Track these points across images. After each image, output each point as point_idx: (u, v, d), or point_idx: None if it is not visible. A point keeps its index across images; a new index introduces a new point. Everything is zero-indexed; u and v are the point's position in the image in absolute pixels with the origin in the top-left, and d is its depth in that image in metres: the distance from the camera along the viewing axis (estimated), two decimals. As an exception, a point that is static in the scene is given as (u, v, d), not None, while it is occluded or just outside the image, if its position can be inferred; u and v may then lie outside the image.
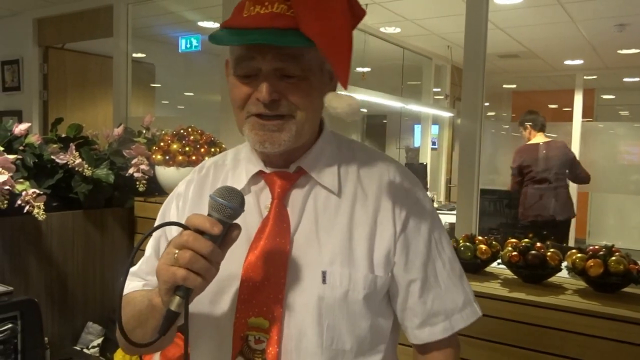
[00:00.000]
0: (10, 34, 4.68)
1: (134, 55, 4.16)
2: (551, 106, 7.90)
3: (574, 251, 1.81)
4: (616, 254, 1.73)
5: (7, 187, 2.18)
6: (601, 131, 7.14)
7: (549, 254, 1.83)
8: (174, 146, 2.64)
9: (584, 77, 6.85)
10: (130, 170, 2.74)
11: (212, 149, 2.69)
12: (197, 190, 1.03)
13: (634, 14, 4.17)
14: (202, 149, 2.66)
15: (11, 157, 2.25)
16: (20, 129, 2.51)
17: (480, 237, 2.02)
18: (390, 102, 5.09)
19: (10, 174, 2.20)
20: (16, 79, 4.70)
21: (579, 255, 1.77)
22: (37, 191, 2.26)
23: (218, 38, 0.88)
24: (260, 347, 0.89)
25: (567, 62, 6.29)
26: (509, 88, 8.41)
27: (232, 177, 1.00)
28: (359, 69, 5.31)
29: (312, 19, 0.82)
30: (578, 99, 6.78)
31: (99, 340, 2.67)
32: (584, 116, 6.81)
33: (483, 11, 2.45)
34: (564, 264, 1.84)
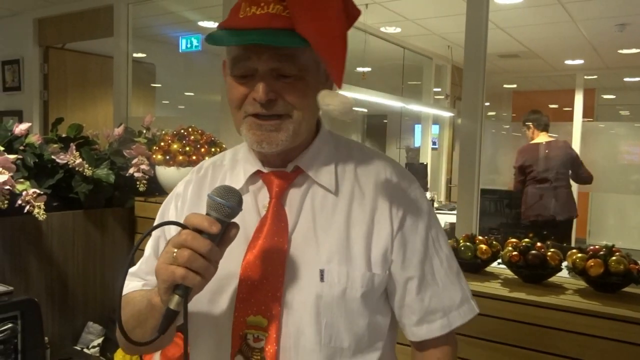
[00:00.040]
0: (10, 34, 4.69)
1: (135, 55, 4.16)
2: (551, 106, 7.89)
3: (574, 251, 1.81)
4: (616, 253, 1.73)
5: (7, 187, 2.19)
6: (602, 131, 7.14)
7: (549, 253, 1.83)
8: (175, 146, 2.64)
9: (585, 77, 6.84)
10: (131, 170, 2.74)
11: (213, 149, 2.69)
12: (196, 191, 1.03)
13: (634, 14, 4.16)
14: (202, 149, 2.66)
15: (11, 157, 2.25)
16: (20, 128, 2.52)
17: (480, 237, 2.02)
18: (390, 102, 5.09)
19: (11, 173, 2.21)
20: (16, 79, 4.71)
21: (579, 255, 1.77)
22: (38, 191, 2.26)
23: (215, 39, 0.88)
24: (259, 345, 0.90)
25: (568, 62, 6.29)
26: (510, 88, 8.41)
27: (230, 177, 1.00)
28: (359, 69, 5.31)
29: (307, 20, 0.83)
30: (578, 98, 6.77)
31: (99, 340, 2.67)
32: (584, 116, 6.80)
33: (483, 11, 2.44)
34: (564, 263, 1.84)
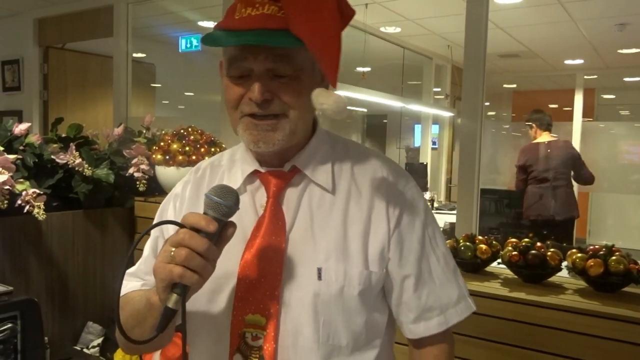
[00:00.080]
0: (10, 34, 4.69)
1: (134, 55, 4.16)
2: (551, 106, 7.89)
3: (574, 251, 1.81)
4: (616, 253, 1.73)
5: (7, 187, 2.19)
6: (601, 131, 7.14)
7: (549, 253, 1.83)
8: (174, 146, 2.64)
9: (585, 77, 6.84)
10: (131, 170, 2.74)
11: (212, 149, 2.69)
12: (194, 191, 1.04)
13: (634, 14, 4.16)
14: (202, 149, 2.66)
15: (11, 157, 2.25)
16: (20, 128, 2.52)
17: (480, 237, 2.02)
18: (390, 102, 5.09)
19: (11, 173, 2.21)
20: (16, 79, 4.70)
21: (579, 255, 1.77)
22: (37, 191, 2.26)
23: (211, 40, 0.89)
24: (257, 343, 0.90)
25: (568, 61, 6.29)
26: (510, 88, 8.41)
27: (228, 177, 1.01)
28: (359, 69, 5.31)
29: (302, 20, 0.83)
30: (578, 98, 6.77)
31: (99, 340, 2.67)
32: (584, 116, 6.80)
33: (483, 11, 2.44)
34: (564, 263, 1.84)
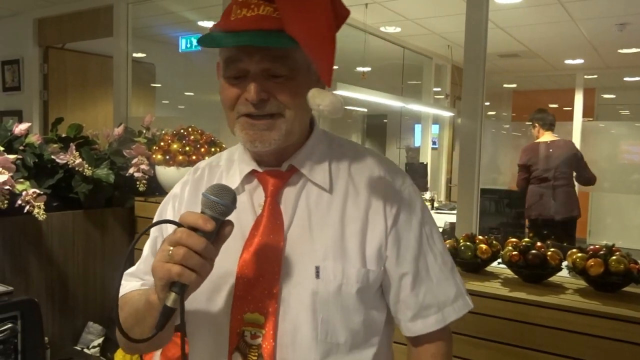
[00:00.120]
0: (10, 34, 4.69)
1: (134, 55, 4.16)
2: (552, 105, 7.89)
3: (574, 251, 1.81)
4: (616, 253, 1.73)
5: (7, 187, 2.19)
6: (602, 131, 7.14)
7: (549, 253, 1.83)
8: (174, 146, 2.64)
9: (585, 77, 6.84)
10: (131, 170, 2.74)
11: (212, 149, 2.69)
12: (193, 191, 1.04)
13: (634, 14, 4.16)
14: (202, 149, 2.66)
15: (11, 157, 2.25)
16: (20, 128, 2.52)
17: (480, 237, 2.02)
18: (390, 102, 5.09)
19: (11, 173, 2.21)
20: (16, 79, 4.70)
21: (579, 254, 1.77)
22: (38, 191, 2.27)
23: (207, 41, 0.90)
24: (256, 342, 0.91)
25: (568, 61, 6.29)
26: (510, 87, 8.41)
27: (226, 178, 1.02)
28: (359, 69, 5.31)
29: (296, 20, 0.84)
30: (578, 98, 6.77)
31: (100, 340, 2.67)
32: (584, 115, 6.80)
33: (483, 10, 2.44)
34: (565, 263, 1.84)
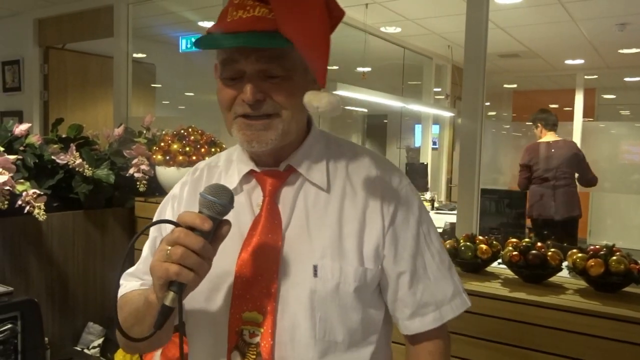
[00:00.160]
0: (10, 34, 4.68)
1: (135, 55, 4.16)
2: (552, 106, 7.87)
3: (574, 251, 1.81)
4: (617, 253, 1.73)
5: (7, 188, 2.19)
6: (602, 131, 7.14)
7: (549, 253, 1.83)
8: (175, 146, 2.64)
9: (585, 77, 6.84)
10: (131, 171, 2.74)
11: (213, 149, 2.69)
12: (192, 192, 1.05)
13: (634, 14, 4.16)
14: (202, 149, 2.66)
15: (12, 157, 2.25)
16: (20, 129, 2.52)
17: (480, 237, 2.02)
18: (390, 102, 5.09)
19: (11, 174, 2.21)
20: (17, 79, 4.70)
21: (579, 255, 1.76)
22: (38, 191, 2.27)
23: (203, 42, 0.90)
24: (255, 340, 0.91)
25: (568, 61, 6.29)
26: (510, 88, 8.41)
27: (225, 178, 1.02)
28: (359, 69, 5.31)
29: (291, 21, 0.85)
30: (579, 98, 6.77)
31: (100, 341, 2.67)
32: (584, 116, 6.80)
33: (483, 11, 2.44)
34: (565, 263, 1.83)
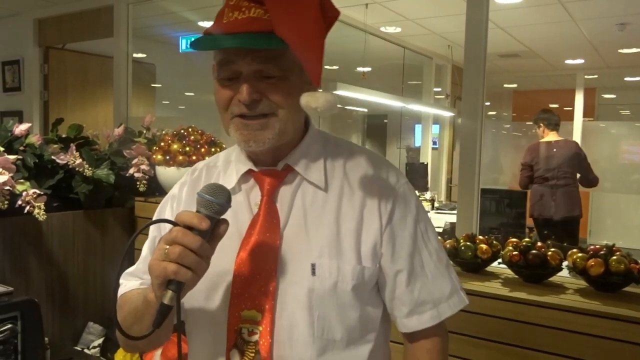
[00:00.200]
0: (10, 34, 4.68)
1: (135, 55, 4.16)
2: (552, 105, 7.87)
3: (574, 251, 1.81)
4: (617, 253, 1.73)
5: (7, 188, 2.19)
6: (602, 131, 7.14)
7: (549, 253, 1.82)
8: (175, 146, 2.64)
9: (585, 77, 6.84)
10: (131, 171, 2.74)
11: (213, 149, 2.69)
12: (190, 192, 1.06)
13: (634, 13, 4.16)
14: (202, 149, 2.66)
15: (12, 157, 2.25)
16: (20, 129, 2.52)
17: (480, 237, 2.02)
18: (390, 102, 5.09)
19: (11, 174, 2.21)
20: (17, 79, 4.70)
21: (579, 254, 1.76)
22: (38, 191, 2.27)
23: (199, 44, 0.91)
24: (253, 339, 0.92)
25: (568, 61, 6.29)
26: (510, 87, 8.41)
27: (224, 178, 1.03)
28: (359, 69, 5.31)
29: (286, 22, 0.85)
30: (579, 98, 6.77)
31: (100, 341, 2.67)
32: (584, 115, 6.80)
33: (483, 10, 2.44)
34: (565, 263, 1.84)
